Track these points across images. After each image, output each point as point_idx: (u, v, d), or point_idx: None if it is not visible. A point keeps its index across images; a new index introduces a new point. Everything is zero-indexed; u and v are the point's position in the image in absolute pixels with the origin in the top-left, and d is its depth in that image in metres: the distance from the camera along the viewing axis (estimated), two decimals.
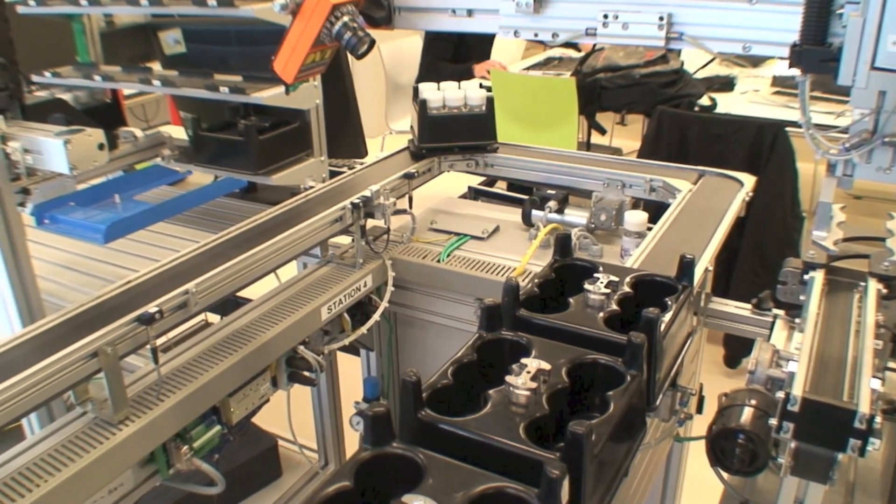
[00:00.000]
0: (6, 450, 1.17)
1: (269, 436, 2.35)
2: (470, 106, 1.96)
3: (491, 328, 1.02)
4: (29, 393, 1.09)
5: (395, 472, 0.80)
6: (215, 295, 1.35)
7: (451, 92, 1.94)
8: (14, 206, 1.39)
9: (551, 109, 3.80)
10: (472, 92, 1.97)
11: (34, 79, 2.11)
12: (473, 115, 1.96)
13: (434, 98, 1.92)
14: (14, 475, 1.11)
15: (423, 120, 1.91)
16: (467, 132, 1.97)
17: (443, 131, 1.94)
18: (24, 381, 1.09)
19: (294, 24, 1.37)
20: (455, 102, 1.94)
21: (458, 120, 1.94)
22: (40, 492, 1.07)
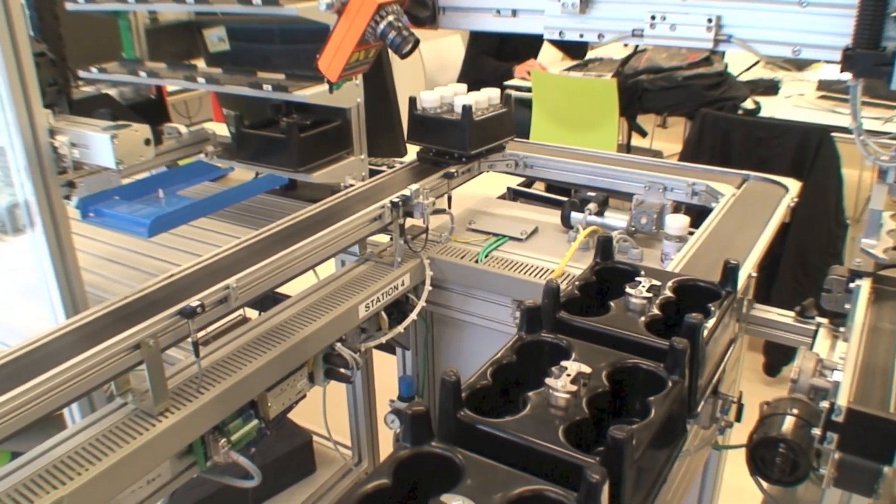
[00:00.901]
0: (48, 438, 1.19)
1: (304, 431, 2.37)
2: (492, 106, 1.94)
3: (531, 330, 1.01)
4: (72, 383, 1.11)
5: (433, 471, 0.80)
6: (255, 290, 1.36)
7: (478, 96, 1.92)
8: (60, 199, 1.41)
9: (591, 111, 3.78)
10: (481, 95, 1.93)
11: (81, 74, 2.14)
12: (499, 114, 1.94)
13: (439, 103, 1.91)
14: (55, 463, 1.13)
15: (470, 127, 1.84)
16: (498, 132, 1.96)
17: (486, 134, 1.92)
18: (67, 372, 1.10)
19: (339, 22, 1.37)
20: (482, 105, 1.93)
21: (492, 122, 1.92)
22: (81, 480, 1.09)
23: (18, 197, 1.43)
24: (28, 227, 1.44)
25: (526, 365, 0.97)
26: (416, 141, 1.93)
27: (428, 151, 1.91)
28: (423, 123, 1.90)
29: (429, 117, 1.88)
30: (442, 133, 1.88)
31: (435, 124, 1.88)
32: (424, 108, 1.89)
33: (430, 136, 1.90)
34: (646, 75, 3.70)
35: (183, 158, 2.03)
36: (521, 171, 2.01)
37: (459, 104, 1.82)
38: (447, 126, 1.86)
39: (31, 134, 1.35)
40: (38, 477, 1.10)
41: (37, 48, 1.45)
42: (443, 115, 1.88)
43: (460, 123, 1.83)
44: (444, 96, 1.91)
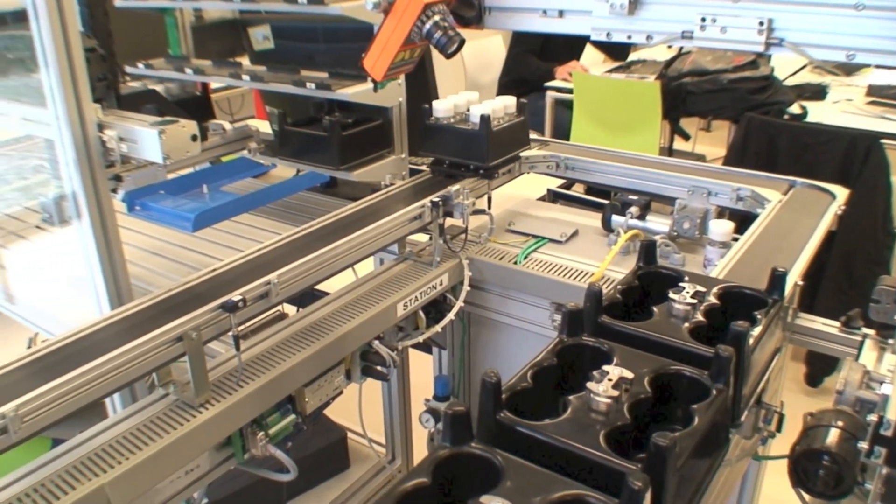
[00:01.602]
0: (89, 426, 1.21)
1: (339, 427, 2.38)
2: (508, 115, 1.87)
3: (572, 333, 1.00)
4: (115, 373, 1.13)
5: (472, 471, 0.80)
6: (296, 286, 1.37)
7: (494, 104, 1.84)
8: (108, 192, 1.44)
9: (633, 113, 3.75)
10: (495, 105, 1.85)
11: (128, 70, 2.18)
12: (514, 124, 1.86)
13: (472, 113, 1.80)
14: (97, 451, 1.14)
15: (488, 138, 1.75)
16: (514, 142, 1.88)
17: (503, 145, 1.83)
18: (111, 362, 1.12)
19: (385, 22, 1.38)
20: (498, 114, 1.85)
21: (507, 132, 1.83)
22: (121, 469, 1.11)
23: (66, 189, 1.45)
24: (75, 219, 1.46)
25: (566, 368, 0.96)
26: (429, 152, 1.84)
27: (441, 163, 1.82)
28: (437, 133, 1.80)
29: (443, 127, 1.79)
30: (457, 144, 1.78)
31: (449, 134, 1.78)
32: (437, 117, 1.80)
33: (444, 147, 1.80)
34: (690, 78, 3.66)
35: (226, 155, 2.05)
36: (562, 173, 2.00)
37: (476, 114, 1.75)
38: (463, 137, 1.77)
39: (81, 127, 1.37)
40: (81, 464, 1.12)
41: (87, 44, 1.48)
42: (456, 125, 1.78)
43: (478, 134, 1.74)
44: (458, 105, 1.83)
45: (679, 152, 4.33)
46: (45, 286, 1.91)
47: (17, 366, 1.14)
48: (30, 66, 1.57)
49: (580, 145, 2.10)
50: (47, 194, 1.76)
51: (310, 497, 2.28)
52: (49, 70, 1.34)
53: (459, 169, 1.78)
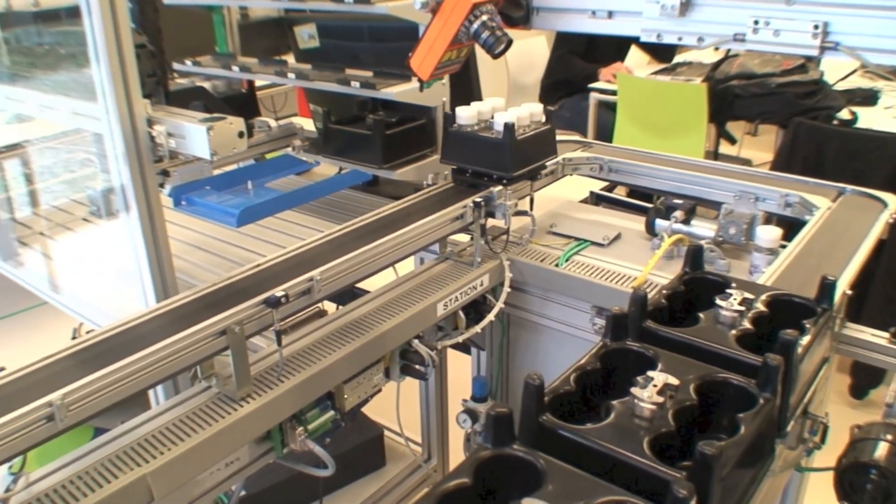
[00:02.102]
0: (131, 416, 1.23)
1: (376, 425, 2.39)
2: (535, 123, 1.78)
3: (616, 337, 0.99)
4: (160, 364, 1.14)
5: (513, 473, 0.79)
6: (338, 284, 1.38)
7: (520, 111, 1.76)
8: (156, 187, 1.46)
9: (679, 116, 3.70)
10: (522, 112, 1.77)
11: (175, 67, 2.21)
12: (540, 132, 1.76)
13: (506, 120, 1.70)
14: (140, 441, 1.16)
15: (512, 147, 1.67)
16: (540, 151, 1.78)
17: (528, 155, 1.75)
18: (156, 353, 1.14)
19: (433, 21, 1.38)
20: (524, 122, 1.77)
21: (532, 140, 1.75)
22: (164, 459, 1.12)
23: (114, 182, 1.48)
24: (123, 212, 1.49)
25: (609, 373, 0.95)
26: (451, 160, 1.77)
27: (463, 172, 1.76)
28: (460, 141, 1.73)
29: (466, 135, 1.72)
30: (480, 153, 1.71)
31: (472, 143, 1.71)
32: (460, 124, 1.74)
33: (467, 156, 1.73)
34: (737, 81, 3.61)
35: (270, 152, 2.07)
36: (605, 176, 1.99)
37: (500, 122, 1.67)
38: (486, 145, 1.69)
39: (130, 122, 1.39)
40: (123, 454, 1.14)
41: (138, 40, 1.50)
42: (480, 133, 1.71)
43: (501, 143, 1.66)
44: (482, 112, 1.76)
45: (724, 156, 4.27)
46: (90, 277, 1.94)
47: (65, 355, 1.16)
48: (81, 62, 1.60)
49: (624, 148, 2.09)
50: (95, 187, 1.80)
51: (345, 493, 2.29)
52: (100, 65, 1.36)
53: (482, 178, 1.72)
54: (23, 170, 2.49)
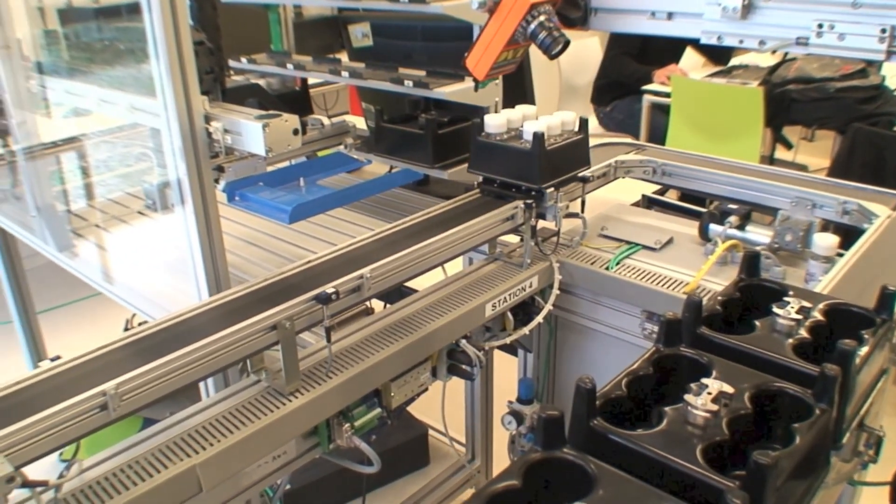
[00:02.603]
0: (180, 408, 1.25)
1: (421, 424, 2.39)
2: (567, 132, 1.70)
3: (669, 343, 0.98)
4: (212, 357, 1.16)
5: (563, 477, 0.79)
6: (388, 282, 1.38)
7: (551, 120, 1.68)
8: (211, 182, 1.48)
9: (734, 120, 3.65)
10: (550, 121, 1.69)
11: (231, 64, 2.23)
12: (574, 142, 1.69)
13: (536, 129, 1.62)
14: (190, 432, 1.18)
15: (541, 157, 1.59)
16: (572, 162, 1.71)
17: (558, 166, 1.67)
18: (208, 346, 1.15)
19: (490, 21, 1.38)
20: (555, 131, 1.68)
21: (564, 150, 1.67)
22: (213, 451, 1.14)
23: (170, 177, 1.50)
24: (178, 207, 1.51)
25: (661, 379, 0.94)
26: (479, 170, 1.71)
27: (491, 182, 1.69)
28: (487, 150, 1.68)
29: (494, 144, 1.66)
30: (508, 163, 1.65)
31: (500, 152, 1.66)
32: (489, 133, 1.67)
33: (495, 166, 1.67)
34: (795, 85, 3.55)
35: (322, 149, 2.09)
36: (659, 179, 1.96)
37: (529, 131, 1.61)
38: (514, 155, 1.63)
39: (188, 118, 1.41)
40: (174, 444, 1.15)
41: (196, 37, 1.52)
42: (507, 143, 1.65)
43: (530, 153, 1.59)
44: (512, 120, 1.68)
45: (780, 162, 4.19)
46: (143, 269, 1.98)
47: (119, 345, 1.19)
48: (139, 58, 1.63)
49: (678, 151, 2.06)
50: (150, 181, 1.83)
51: (388, 491, 2.30)
52: (160, 62, 1.38)
53: (510, 190, 1.66)
54: (79, 163, 2.55)
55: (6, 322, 3.08)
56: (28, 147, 2.20)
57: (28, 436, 0.98)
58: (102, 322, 3.73)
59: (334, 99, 4.79)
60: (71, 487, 1.06)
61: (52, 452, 1.02)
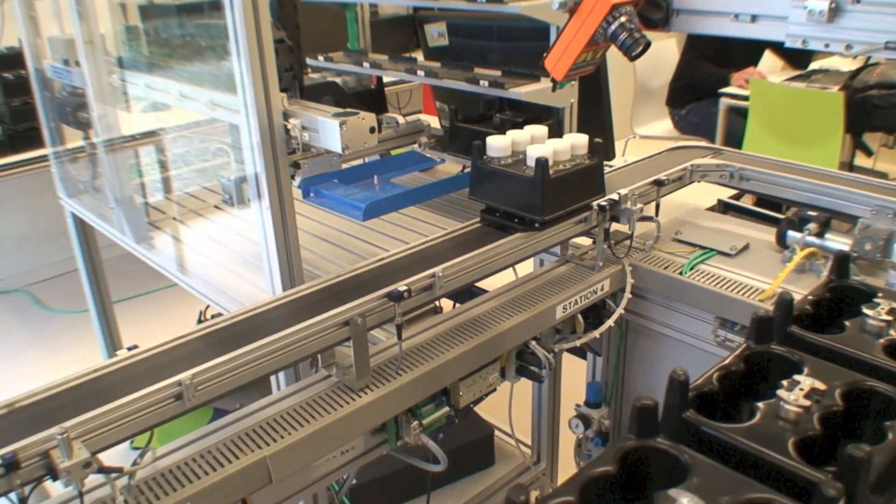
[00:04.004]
0: (250, 400, 1.27)
1: (487, 424, 2.39)
2: (577, 157, 1.56)
3: (760, 340, 0.98)
4: (285, 351, 1.18)
5: (657, 465, 0.81)
6: (459, 281, 1.38)
7: (559, 144, 1.54)
8: (288, 178, 1.50)
9: (813, 125, 3.55)
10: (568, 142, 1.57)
11: (308, 62, 2.27)
12: (583, 169, 1.55)
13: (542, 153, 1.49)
14: (262, 423, 1.20)
15: (545, 186, 1.47)
16: (582, 191, 1.58)
17: (565, 195, 1.54)
18: (281, 340, 1.17)
19: (570, 22, 1.36)
20: (564, 156, 1.55)
21: (572, 178, 1.54)
22: (283, 443, 1.15)
23: (247, 172, 1.53)
24: (255, 202, 1.54)
25: (751, 375, 0.95)
26: (480, 197, 1.58)
27: (493, 211, 1.57)
28: (489, 176, 1.55)
29: (495, 170, 1.53)
30: (509, 191, 1.52)
31: (502, 179, 1.52)
32: (490, 157, 1.55)
33: (496, 194, 1.55)
34: (877, 90, 3.43)
35: (396, 148, 2.10)
36: (736, 184, 1.92)
37: (532, 156, 1.47)
38: (516, 183, 1.50)
39: (267, 115, 1.44)
40: (245, 435, 1.18)
41: (276, 35, 1.54)
42: (509, 169, 1.52)
43: (533, 181, 1.46)
44: (518, 142, 1.56)
45: (859, 169, 4.06)
46: (218, 262, 2.02)
47: (195, 337, 1.21)
48: (219, 54, 1.66)
49: (756, 156, 2.01)
50: (226, 176, 1.86)
51: (453, 490, 2.31)
52: (241, 58, 1.41)
53: (513, 220, 1.53)
54: (157, 157, 2.62)
55: (83, 311, 3.18)
56: (108, 140, 2.26)
57: (105, 423, 1.01)
58: (176, 313, 3.83)
59: (407, 97, 4.84)
60: (143, 475, 1.09)
61: (127, 440, 1.05)
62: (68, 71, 2.35)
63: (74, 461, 0.93)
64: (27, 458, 0.94)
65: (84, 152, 2.57)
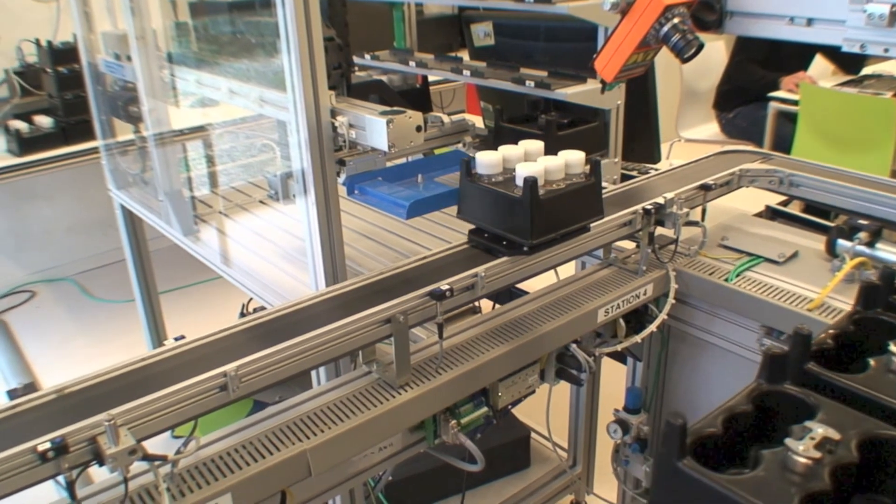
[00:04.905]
0: (290, 393, 1.29)
1: (524, 426, 2.38)
2: (572, 177, 1.44)
3: (772, 379, 0.92)
4: (328, 346, 1.19)
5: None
6: (500, 283, 1.38)
7: (551, 162, 1.43)
8: (334, 175, 1.51)
9: (865, 131, 3.48)
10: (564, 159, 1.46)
11: (355, 60, 2.28)
12: (578, 189, 1.42)
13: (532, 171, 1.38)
14: (302, 417, 1.21)
15: (534, 208, 1.34)
16: (576, 213, 1.44)
17: (557, 217, 1.40)
18: (325, 335, 1.18)
19: (622, 22, 1.35)
20: (557, 175, 1.43)
21: (565, 199, 1.40)
22: (324, 437, 1.17)
23: (294, 168, 1.54)
24: (300, 197, 1.55)
25: (761, 416, 0.89)
26: (467, 217, 1.47)
27: (481, 232, 1.46)
28: (477, 195, 1.42)
29: (482, 188, 1.41)
30: (497, 211, 1.40)
31: (490, 198, 1.40)
32: (479, 174, 1.44)
33: (483, 214, 1.43)
34: None
35: (440, 147, 2.10)
36: (785, 190, 1.88)
37: (521, 174, 1.36)
38: (504, 203, 1.38)
39: (315, 112, 1.45)
40: (286, 428, 1.19)
41: (326, 33, 1.56)
42: (497, 187, 1.39)
43: (520, 202, 1.34)
44: (509, 159, 1.45)
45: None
46: (262, 257, 2.04)
47: (239, 329, 1.23)
48: (268, 51, 1.68)
49: (806, 161, 1.97)
50: (271, 172, 1.89)
51: (487, 490, 2.30)
52: (291, 56, 1.42)
53: (501, 243, 1.41)
54: (204, 151, 2.66)
55: (128, 300, 3.24)
56: (158, 134, 2.30)
57: (151, 411, 1.03)
58: (218, 305, 3.88)
59: (450, 97, 4.84)
60: (186, 463, 1.11)
61: (172, 428, 1.07)
62: (120, 66, 2.39)
63: (121, 448, 0.95)
64: (75, 443, 0.95)
65: (134, 145, 2.62)
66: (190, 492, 1.06)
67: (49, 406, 1.04)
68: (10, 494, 0.93)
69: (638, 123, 1.98)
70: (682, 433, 0.78)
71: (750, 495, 0.74)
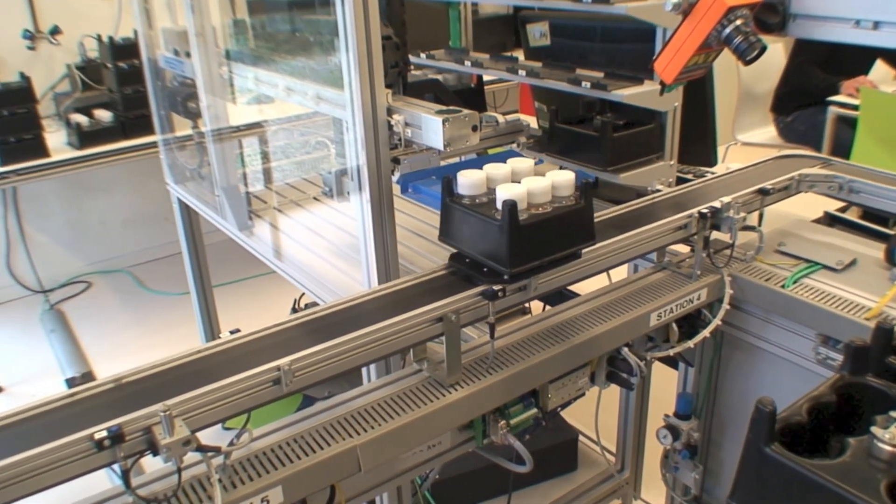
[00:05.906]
0: (339, 389, 1.30)
1: (572, 428, 2.37)
2: (559, 199, 1.32)
3: (855, 371, 0.93)
4: (380, 343, 1.20)
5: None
6: (552, 284, 1.38)
7: (535, 183, 1.30)
8: (389, 173, 1.52)
9: None
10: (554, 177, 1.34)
11: (411, 59, 2.29)
12: (565, 214, 1.29)
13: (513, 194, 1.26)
14: (353, 413, 1.22)
15: (513, 234, 1.22)
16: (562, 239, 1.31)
17: (539, 245, 1.28)
18: (377, 332, 1.19)
19: (683, 24, 1.34)
20: (542, 198, 1.31)
21: (549, 225, 1.28)
22: (373, 434, 1.17)
23: (349, 165, 1.56)
24: (355, 195, 1.56)
25: (844, 406, 0.89)
26: (449, 239, 1.37)
27: (462, 258, 1.35)
28: (458, 217, 1.32)
29: (462, 211, 1.30)
30: (476, 235, 1.29)
31: (469, 222, 1.30)
32: (460, 194, 1.33)
33: (464, 237, 1.32)
34: None
35: (494, 147, 2.10)
36: (845, 196, 1.84)
37: (501, 197, 1.25)
38: (482, 227, 1.27)
39: (372, 110, 1.46)
40: (337, 423, 1.20)
41: (384, 31, 1.56)
42: (476, 210, 1.28)
43: (500, 227, 1.22)
44: (494, 178, 1.35)
45: None
46: (315, 252, 2.06)
47: (293, 324, 1.24)
48: (326, 49, 1.69)
49: (867, 167, 1.93)
50: (326, 169, 1.90)
51: (533, 492, 2.30)
52: (349, 54, 1.43)
53: (481, 270, 1.30)
54: (259, 148, 2.69)
55: (182, 293, 3.29)
56: (216, 129, 2.33)
57: (205, 403, 1.05)
58: (271, 300, 3.93)
59: (504, 96, 4.84)
60: (237, 455, 1.12)
61: (225, 421, 1.08)
62: (179, 61, 2.43)
63: (175, 438, 0.96)
64: (131, 433, 0.97)
65: (191, 141, 2.66)
66: (241, 483, 1.07)
67: (106, 395, 1.06)
68: (67, 481, 0.95)
69: (694, 126, 1.96)
70: (771, 419, 0.80)
71: (837, 480, 0.76)
